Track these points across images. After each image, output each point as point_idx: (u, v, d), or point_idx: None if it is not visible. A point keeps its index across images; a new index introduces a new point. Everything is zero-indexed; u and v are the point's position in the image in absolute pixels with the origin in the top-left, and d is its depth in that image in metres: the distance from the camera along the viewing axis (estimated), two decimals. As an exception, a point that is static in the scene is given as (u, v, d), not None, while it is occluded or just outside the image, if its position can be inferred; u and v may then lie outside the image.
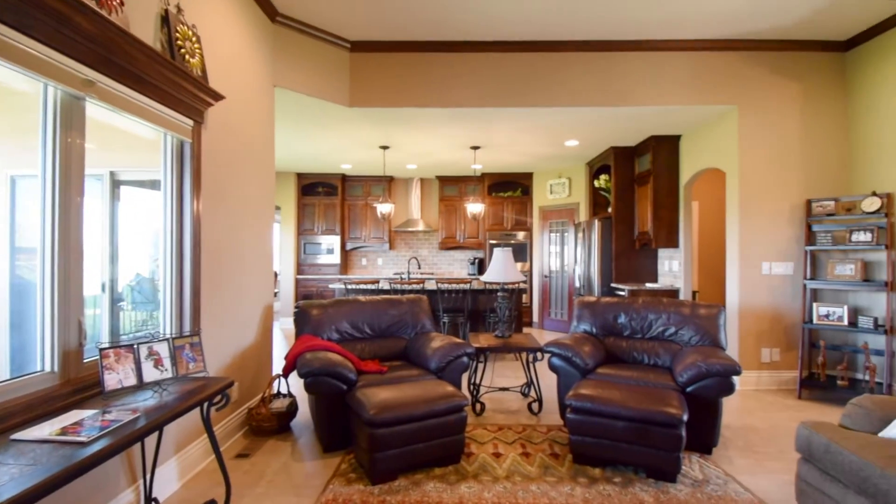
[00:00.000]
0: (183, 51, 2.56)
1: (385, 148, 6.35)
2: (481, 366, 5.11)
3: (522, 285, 5.91)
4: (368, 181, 8.60)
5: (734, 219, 4.65)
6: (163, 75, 2.36)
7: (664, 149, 5.73)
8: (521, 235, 8.42)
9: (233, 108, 3.24)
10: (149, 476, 2.29)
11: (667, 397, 2.75)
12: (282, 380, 3.70)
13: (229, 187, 3.20)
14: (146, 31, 2.37)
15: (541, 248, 8.29)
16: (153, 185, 2.71)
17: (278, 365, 4.40)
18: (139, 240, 2.86)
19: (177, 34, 2.53)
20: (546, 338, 7.10)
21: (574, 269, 7.44)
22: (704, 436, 3.03)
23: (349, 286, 5.78)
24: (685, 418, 2.58)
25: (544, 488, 2.60)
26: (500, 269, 3.99)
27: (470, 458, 2.97)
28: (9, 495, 1.15)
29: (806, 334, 4.42)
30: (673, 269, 5.78)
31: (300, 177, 8.40)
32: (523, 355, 4.25)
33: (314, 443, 3.23)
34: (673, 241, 5.66)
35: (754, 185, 4.57)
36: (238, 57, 3.32)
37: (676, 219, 5.66)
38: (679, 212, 5.66)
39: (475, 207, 6.91)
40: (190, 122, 2.68)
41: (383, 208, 6.68)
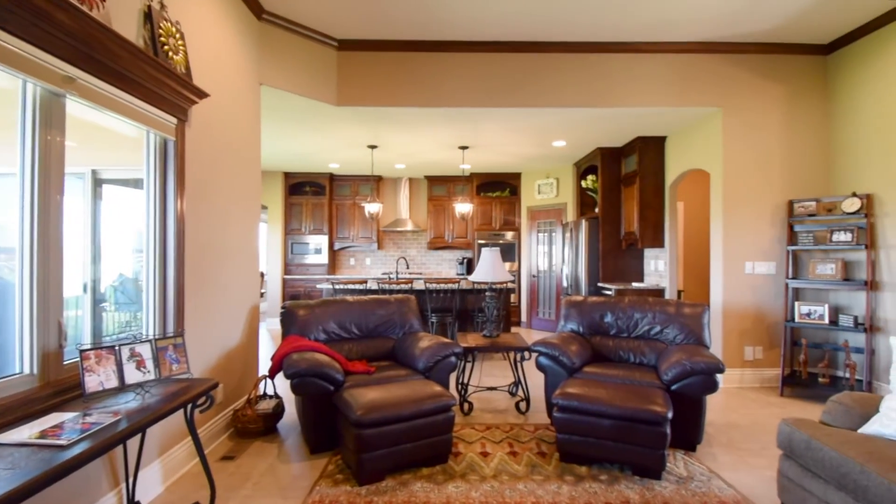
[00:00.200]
0: (166, 48, 2.53)
1: (373, 147, 6.33)
2: (469, 365, 5.12)
3: (511, 285, 5.93)
4: (356, 181, 8.56)
5: (718, 219, 4.72)
6: (145, 72, 2.32)
7: (650, 150, 5.79)
8: (509, 235, 8.45)
9: (218, 106, 3.20)
10: (131, 479, 2.26)
11: (652, 395, 2.78)
12: (268, 381, 3.66)
13: (214, 186, 3.17)
14: (128, 28, 2.33)
15: (529, 247, 8.33)
16: (137, 183, 2.67)
17: (265, 366, 4.36)
18: (122, 240, 2.81)
19: (160, 31, 2.49)
20: (534, 337, 7.13)
21: (562, 269, 7.49)
22: (689, 433, 3.07)
23: (337, 286, 5.75)
24: (670, 416, 2.62)
25: (531, 487, 2.62)
26: (488, 268, 4.01)
27: (458, 457, 2.98)
28: (-16, 500, 1.13)
29: (788, 332, 4.50)
30: (659, 268, 5.85)
31: (287, 176, 8.33)
32: (511, 355, 4.27)
33: (301, 444, 3.21)
34: (659, 241, 5.72)
35: (738, 186, 4.64)
36: (223, 54, 3.29)
37: (662, 219, 5.73)
38: (665, 212, 5.73)
39: (463, 207, 6.92)
40: (173, 119, 2.64)
41: (371, 208, 6.65)
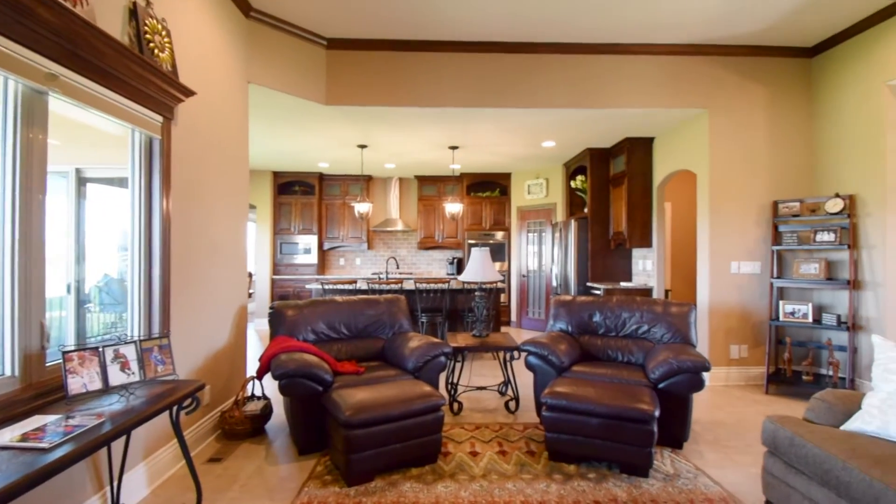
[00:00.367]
0: (152, 45, 2.50)
1: (363, 147, 6.31)
2: (459, 365, 5.12)
3: (500, 285, 5.95)
4: (346, 180, 8.52)
5: (704, 219, 4.78)
6: (130, 70, 2.29)
7: (638, 150, 5.84)
8: (499, 235, 8.47)
9: (205, 104, 3.17)
10: (116, 482, 2.23)
11: (639, 394, 2.80)
12: (256, 382, 3.64)
13: (201, 185, 3.13)
14: (113, 25, 2.30)
15: (519, 247, 8.36)
16: (122, 182, 2.63)
17: (252, 367, 4.33)
18: (107, 239, 2.77)
19: (145, 28, 2.46)
20: (524, 336, 7.16)
21: (551, 269, 7.52)
22: (676, 431, 3.10)
23: (326, 286, 5.72)
24: (657, 414, 2.64)
25: (520, 486, 2.63)
26: (478, 268, 4.01)
27: (447, 457, 2.98)
28: (-38, 505, 1.11)
29: (773, 331, 4.57)
30: (646, 268, 5.90)
31: (276, 175, 8.27)
32: (501, 354, 4.28)
33: (289, 445, 3.19)
34: (646, 241, 5.77)
35: (724, 187, 4.70)
36: (210, 52, 3.25)
37: (650, 219, 5.78)
38: (652, 212, 5.78)
39: (453, 207, 6.93)
40: (159, 118, 2.61)
41: (361, 208, 6.63)
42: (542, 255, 7.93)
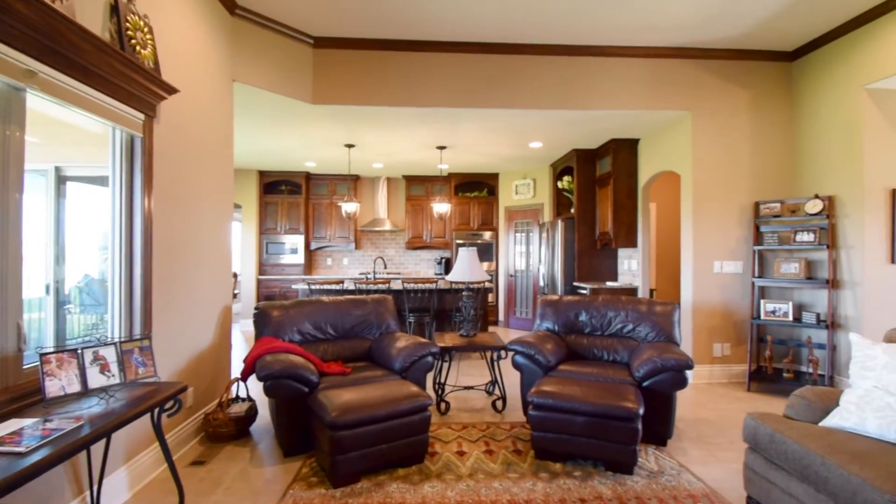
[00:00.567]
0: (134, 42, 2.46)
1: (350, 146, 6.28)
2: (446, 365, 5.12)
3: (488, 284, 5.97)
4: (333, 180, 8.47)
5: (688, 220, 4.84)
6: (111, 67, 2.25)
7: (624, 152, 5.90)
8: (487, 235, 8.49)
9: (188, 102, 3.13)
10: (96, 486, 2.19)
11: (624, 392, 2.83)
12: (241, 384, 3.60)
13: (184, 184, 3.09)
14: (94, 21, 2.26)
15: (507, 247, 8.39)
16: (103, 181, 2.59)
17: (237, 368, 4.28)
18: (88, 239, 2.72)
19: (127, 24, 2.42)
20: (511, 336, 7.19)
21: (539, 269, 7.57)
22: (660, 428, 3.14)
23: (313, 287, 5.68)
24: (641, 412, 2.67)
25: (506, 485, 2.64)
26: (465, 268, 4.02)
27: (434, 457, 2.98)
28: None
29: (754, 329, 4.65)
30: (632, 268, 5.97)
31: (262, 174, 8.19)
32: (488, 354, 4.29)
33: (274, 447, 3.16)
34: (632, 242, 5.84)
35: (706, 188, 4.77)
36: (194, 49, 3.21)
37: (635, 220, 5.85)
38: (637, 213, 5.84)
39: (441, 207, 6.93)
40: (141, 115, 2.56)
41: (348, 207, 6.60)
42: (529, 255, 7.97)
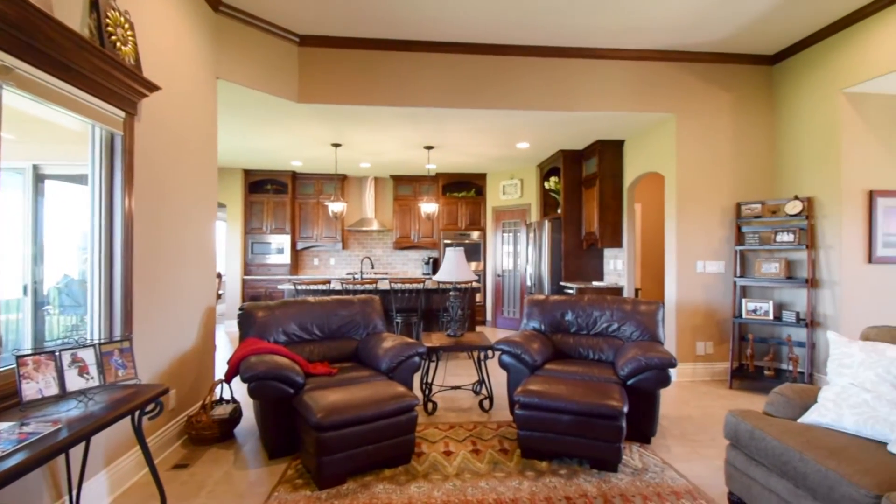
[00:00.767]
0: (114, 38, 2.41)
1: (337, 146, 6.24)
2: (433, 365, 5.12)
3: (476, 284, 5.98)
4: (320, 179, 8.42)
5: (672, 220, 4.91)
6: (90, 63, 2.21)
7: (609, 153, 5.96)
8: (475, 235, 8.51)
9: (171, 99, 3.08)
10: (75, 491, 2.15)
11: (609, 390, 2.86)
12: (225, 385, 3.56)
13: (167, 183, 3.04)
14: (73, 16, 2.21)
15: (494, 247, 8.42)
16: (83, 179, 2.54)
17: (221, 370, 4.23)
18: (68, 238, 2.67)
19: (107, 20, 2.38)
20: (499, 335, 7.21)
21: (526, 269, 7.60)
22: (644, 426, 3.18)
23: (299, 287, 5.63)
24: (625, 410, 2.70)
25: (493, 484, 2.65)
26: (453, 268, 4.02)
27: (420, 457, 2.98)
28: None
29: (736, 328, 4.73)
30: (617, 268, 6.03)
31: (247, 173, 8.10)
32: (475, 353, 4.30)
33: (259, 450, 3.13)
34: (617, 242, 5.89)
35: (690, 189, 4.84)
36: (177, 47, 3.16)
37: (620, 220, 5.91)
38: (623, 213, 5.90)
39: (429, 207, 6.92)
40: (121, 113, 2.52)
41: (335, 207, 6.56)
42: (517, 255, 8.00)
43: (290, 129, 5.48)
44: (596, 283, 6.07)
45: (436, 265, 8.58)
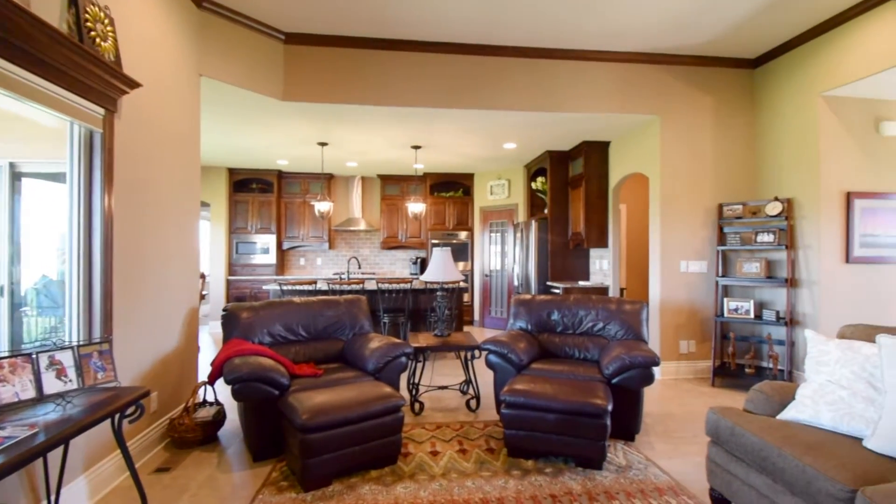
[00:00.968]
0: (93, 34, 2.36)
1: (323, 145, 6.20)
2: (420, 365, 5.11)
3: (463, 284, 5.99)
4: (307, 178, 8.35)
5: (656, 221, 4.97)
6: (69, 59, 2.16)
7: (595, 154, 6.01)
8: (462, 235, 8.52)
9: (152, 96, 3.03)
10: (54, 496, 2.10)
11: (594, 389, 2.89)
12: (208, 387, 3.51)
13: (148, 181, 2.99)
14: (51, 11, 2.16)
15: (482, 247, 8.44)
16: (63, 177, 2.48)
17: (205, 372, 4.18)
18: (46, 238, 2.61)
19: (86, 15, 2.33)
20: (486, 335, 7.23)
21: (513, 269, 7.64)
22: (628, 424, 3.22)
23: (285, 287, 5.59)
24: (610, 408, 2.73)
25: (479, 483, 2.65)
26: (440, 268, 4.02)
27: (407, 457, 2.97)
28: None
29: (718, 327, 4.81)
30: (603, 267, 6.08)
31: (232, 172, 8.00)
32: (462, 353, 4.31)
33: (243, 452, 3.09)
34: (603, 242, 5.95)
35: (674, 190, 4.91)
36: (159, 43, 3.11)
37: (606, 220, 5.97)
38: (608, 214, 5.96)
39: (416, 207, 6.91)
40: (101, 110, 2.47)
41: (321, 207, 6.51)
42: (504, 255, 8.03)
43: (276, 128, 5.43)
44: (582, 283, 6.12)
45: (423, 265, 8.57)
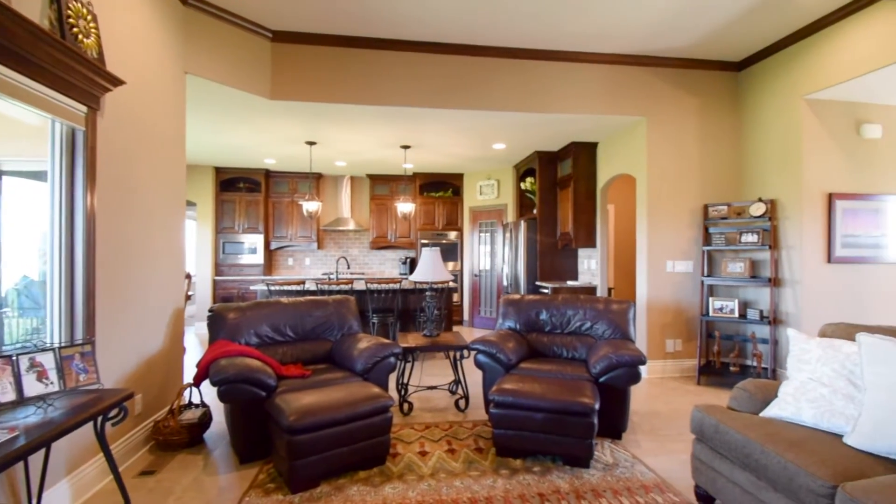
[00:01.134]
0: (76, 30, 2.32)
1: (311, 144, 6.16)
2: (409, 365, 5.11)
3: (452, 284, 5.99)
4: (295, 177, 8.29)
5: (643, 221, 5.02)
6: (50, 56, 2.12)
7: (583, 154, 6.05)
8: (452, 235, 8.52)
9: (136, 94, 2.99)
10: (35, 501, 2.06)
11: (581, 388, 2.91)
12: (194, 389, 3.47)
13: (132, 180, 2.95)
14: (32, 7, 2.12)
15: (471, 247, 8.45)
16: (45, 176, 2.43)
17: (190, 373, 4.13)
18: (27, 238, 2.55)
19: (69, 11, 2.29)
20: (475, 335, 7.24)
21: (503, 268, 7.66)
22: (615, 422, 3.24)
23: (272, 287, 5.54)
24: (597, 407, 2.75)
25: (468, 483, 2.66)
26: (429, 268, 4.02)
27: (396, 458, 2.97)
28: None
29: (703, 326, 4.87)
30: (591, 267, 6.13)
31: (219, 171, 7.91)
32: (451, 353, 4.31)
33: (230, 454, 3.06)
34: (591, 242, 5.99)
35: (660, 191, 4.96)
36: (143, 40, 3.07)
37: (594, 221, 6.01)
38: (596, 214, 6.01)
39: (406, 207, 6.90)
40: (83, 108, 2.43)
41: (309, 206, 6.47)
42: (493, 255, 8.05)
43: (263, 127, 5.38)
44: (570, 283, 6.16)
45: (413, 265, 8.56)
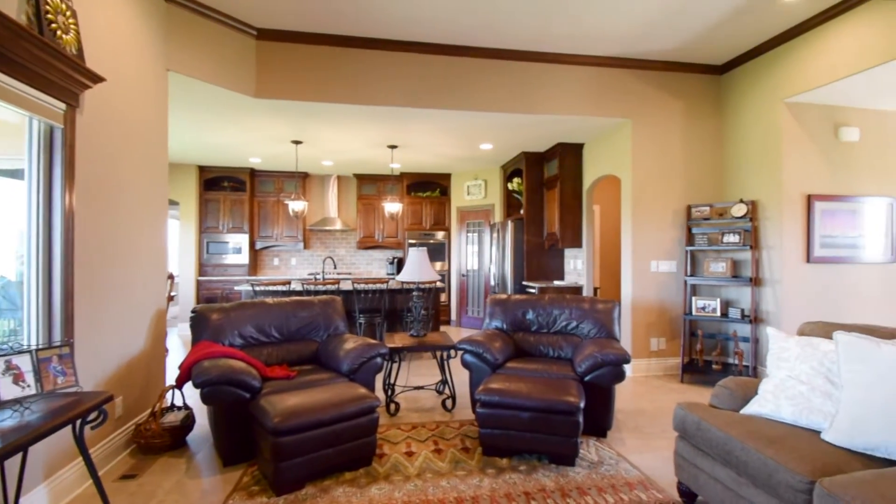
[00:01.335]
0: (54, 26, 2.27)
1: (298, 143, 6.11)
2: (396, 366, 5.10)
3: (440, 284, 5.99)
4: (281, 177, 8.21)
5: (628, 222, 5.08)
6: (28, 52, 2.07)
7: (570, 155, 6.10)
8: (440, 235, 8.52)
9: (117, 91, 2.93)
10: (9, 508, 2.01)
11: (566, 387, 2.93)
12: (176, 391, 3.42)
13: (112, 179, 2.90)
14: (8, 2, 2.07)
15: (459, 247, 8.46)
16: (23, 175, 2.38)
17: (173, 375, 4.06)
18: (4, 237, 2.49)
19: (47, 7, 2.24)
20: (463, 335, 7.25)
21: (490, 268, 7.68)
22: (600, 420, 3.28)
23: (257, 288, 5.48)
24: (582, 405, 2.78)
25: (454, 482, 2.66)
26: (416, 268, 4.02)
27: (382, 459, 2.96)
28: None
29: (687, 325, 4.94)
30: (577, 267, 6.18)
31: (203, 170, 7.81)
32: (438, 353, 4.31)
33: (213, 457, 3.02)
34: (577, 242, 6.04)
35: (644, 192, 5.02)
36: (123, 36, 3.01)
37: (580, 221, 6.06)
38: (583, 214, 6.06)
39: (393, 207, 6.88)
40: (62, 105, 2.38)
41: (296, 206, 6.42)
42: (481, 255, 8.07)
43: (248, 125, 5.32)
44: (557, 283, 6.20)
45: (400, 265, 8.54)
